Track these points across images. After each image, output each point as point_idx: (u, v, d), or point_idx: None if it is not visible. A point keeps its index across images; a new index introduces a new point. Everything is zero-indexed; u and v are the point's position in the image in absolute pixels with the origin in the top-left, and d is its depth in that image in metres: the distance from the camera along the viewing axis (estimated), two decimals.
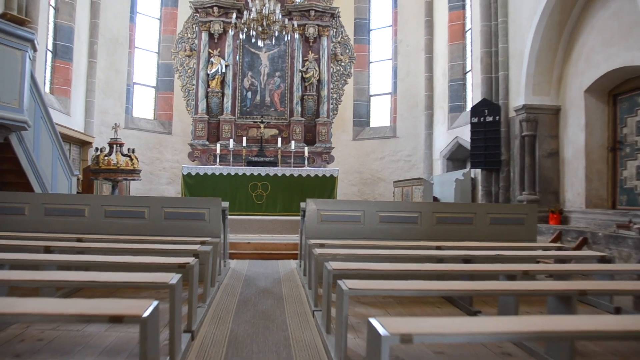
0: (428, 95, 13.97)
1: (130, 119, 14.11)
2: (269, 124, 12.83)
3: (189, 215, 5.77)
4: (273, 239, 8.81)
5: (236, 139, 12.60)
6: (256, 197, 10.78)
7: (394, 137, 14.83)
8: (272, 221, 9.82)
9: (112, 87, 13.67)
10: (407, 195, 11.93)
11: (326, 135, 12.89)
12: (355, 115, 15.66)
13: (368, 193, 15.08)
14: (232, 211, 10.48)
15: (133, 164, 7.71)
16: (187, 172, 10.82)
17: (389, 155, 14.86)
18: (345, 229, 5.86)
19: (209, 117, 12.68)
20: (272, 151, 12.50)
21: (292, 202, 10.83)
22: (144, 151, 14.23)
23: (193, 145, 12.51)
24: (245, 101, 13.03)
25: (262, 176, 10.82)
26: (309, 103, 12.98)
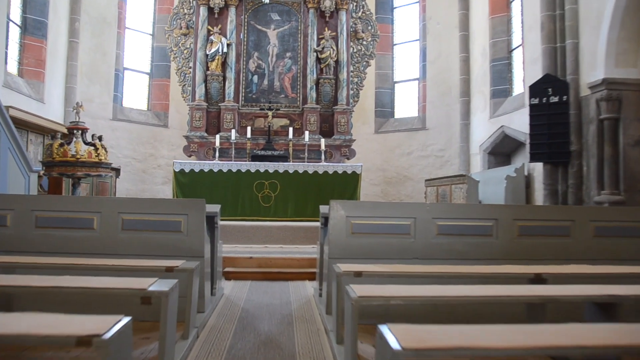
0: (463, 79, 12.08)
1: (119, 109, 12.39)
2: (279, 112, 11.02)
3: (158, 224, 3.97)
4: (283, 252, 6.99)
5: (239, 131, 10.82)
6: (263, 198, 8.99)
7: (423, 129, 12.96)
8: (282, 228, 8.01)
9: (97, 72, 11.95)
10: (443, 196, 10.06)
11: (346, 125, 11.06)
12: (377, 105, 13.81)
13: (393, 194, 13.22)
14: (233, 216, 8.74)
15: (98, 155, 5.93)
16: (179, 168, 9.05)
17: (418, 150, 12.99)
18: (387, 246, 4.02)
19: (207, 105, 10.91)
20: (282, 144, 10.69)
21: (307, 205, 9.02)
22: (135, 146, 12.51)
23: (189, 137, 10.74)
24: (251, 86, 11.24)
25: (270, 173, 9.02)
26: (326, 88, 11.15)
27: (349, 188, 9.21)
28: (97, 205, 4.00)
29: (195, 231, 3.97)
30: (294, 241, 7.93)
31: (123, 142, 12.27)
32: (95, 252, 3.89)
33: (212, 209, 4.63)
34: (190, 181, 9.00)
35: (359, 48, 11.66)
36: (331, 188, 9.13)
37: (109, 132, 11.93)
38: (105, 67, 12.09)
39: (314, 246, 7.71)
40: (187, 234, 3.96)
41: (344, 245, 3.96)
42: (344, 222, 3.98)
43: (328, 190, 9.10)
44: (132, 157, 12.39)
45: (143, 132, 12.67)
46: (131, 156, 12.38)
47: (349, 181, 9.22)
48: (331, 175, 9.15)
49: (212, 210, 4.60)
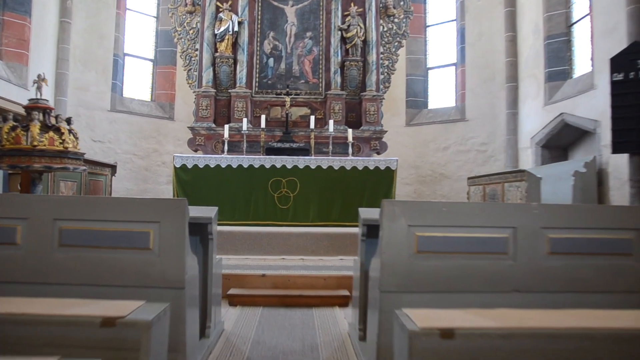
0: (510, 62, 10.54)
1: (118, 100, 11.10)
2: (298, 100, 9.63)
3: (114, 237, 2.57)
4: (304, 267, 5.58)
5: (253, 122, 9.45)
6: (279, 199, 7.59)
7: (462, 121, 11.45)
8: (303, 236, 6.61)
9: (93, 57, 10.67)
10: (493, 197, 8.56)
11: (375, 114, 9.61)
12: (408, 94, 12.33)
13: (427, 194, 11.73)
14: (244, 220, 7.39)
15: (64, 142, 4.55)
16: (180, 163, 7.69)
17: (456, 144, 11.48)
18: (471, 272, 2.57)
19: (216, 92, 9.55)
20: (302, 136, 9.29)
21: (332, 207, 7.61)
22: (137, 141, 11.21)
23: (195, 129, 9.39)
24: (266, 71, 9.86)
25: (288, 169, 7.62)
26: (352, 72, 9.73)
27: (382, 187, 7.77)
28: (21, 207, 2.61)
29: (172, 248, 2.56)
30: (317, 252, 6.52)
31: (123, 136, 10.98)
32: (16, 279, 2.53)
33: (203, 213, 3.24)
34: (194, 179, 7.64)
35: (390, 26, 10.20)
36: (361, 187, 7.70)
37: (106, 125, 10.69)
38: (102, 51, 10.80)
39: (342, 257, 6.31)
40: (158, 252, 2.56)
41: (406, 272, 2.52)
42: (405, 235, 2.54)
43: (357, 189, 7.68)
44: (133, 152, 11.09)
45: (146, 125, 11.37)
46: (132, 152, 11.08)
47: (382, 179, 7.78)
48: (361, 171, 7.71)
49: (203, 215, 3.21)
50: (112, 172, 9.43)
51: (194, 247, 3.15)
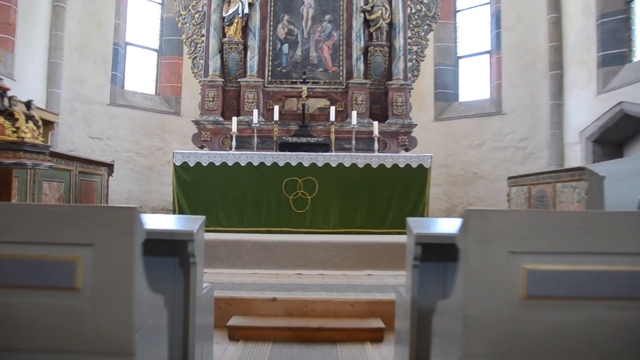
0: (554, 47, 9.41)
1: (119, 93, 10.19)
2: (316, 90, 8.61)
3: (19, 269, 1.56)
4: (325, 285, 4.55)
5: (265, 115, 8.45)
6: (295, 202, 6.58)
7: (498, 114, 10.33)
8: (323, 246, 5.59)
9: (91, 46, 9.77)
10: (541, 200, 7.44)
11: (403, 106, 8.55)
12: (437, 86, 11.25)
13: (459, 196, 10.64)
14: (255, 226, 6.46)
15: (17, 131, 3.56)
16: (181, 160, 6.72)
17: (491, 141, 10.37)
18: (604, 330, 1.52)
19: (224, 82, 8.57)
20: (320, 131, 8.26)
21: (356, 212, 6.60)
22: (139, 138, 10.29)
23: (200, 123, 8.41)
24: (280, 58, 8.85)
25: (304, 168, 6.61)
26: (377, 58, 8.67)
27: (414, 188, 6.72)
28: None
29: (113, 287, 1.55)
30: (339, 265, 5.50)
31: (123, 132, 10.07)
32: None
33: (183, 226, 2.24)
34: (196, 179, 6.66)
35: (419, 7, 9.13)
36: (389, 188, 6.66)
37: (105, 120, 9.79)
38: (101, 40, 9.90)
39: (369, 273, 5.30)
40: (90, 295, 1.55)
41: (506, 331, 1.48)
42: (504, 268, 1.50)
43: (385, 190, 6.65)
44: (135, 151, 10.17)
45: (149, 121, 10.45)
46: (134, 150, 10.16)
47: (413, 178, 6.72)
48: (389, 170, 6.67)
49: (182, 228, 2.20)
50: (108, 172, 8.50)
51: (165, 276, 2.15)
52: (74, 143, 9.37)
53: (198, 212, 6.63)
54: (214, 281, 4.67)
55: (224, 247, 5.60)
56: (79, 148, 9.42)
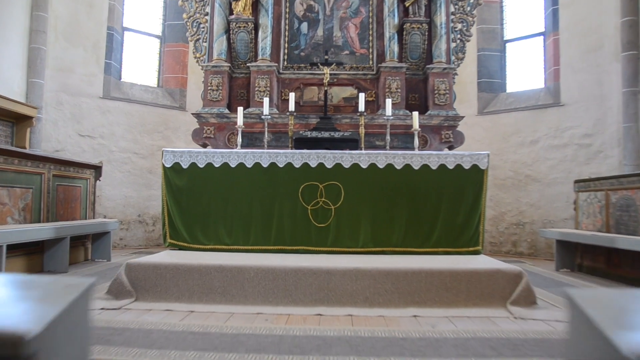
0: (628, 22, 7.82)
1: (114, 84, 8.94)
2: (341, 77, 7.23)
3: None
4: (355, 336, 3.13)
5: (280, 107, 7.11)
6: (315, 213, 5.20)
7: (556, 106, 8.80)
8: (351, 274, 4.21)
9: (80, 30, 8.53)
10: (626, 209, 5.92)
11: (447, 94, 7.11)
12: (481, 75, 9.77)
13: (508, 203, 9.12)
14: (264, 245, 5.11)
15: None
16: (172, 161, 5.39)
17: (547, 137, 8.84)
18: None
19: (231, 67, 7.25)
20: (346, 125, 6.87)
21: (393, 225, 5.21)
22: (137, 136, 9.03)
23: (202, 116, 7.10)
24: (297, 39, 7.49)
25: (327, 170, 5.23)
26: (414, 38, 7.26)
27: (467, 195, 5.29)
28: None
29: None
30: (373, 300, 4.12)
31: (119, 130, 8.81)
32: None
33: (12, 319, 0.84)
34: (191, 184, 5.33)
35: None
36: (435, 195, 5.24)
37: (97, 116, 8.56)
38: (93, 24, 8.65)
39: (416, 314, 3.90)
40: None
41: None
42: None
43: (429, 198, 5.24)
44: (133, 151, 8.91)
45: (149, 117, 9.18)
46: (131, 150, 8.90)
47: (465, 183, 5.30)
48: (435, 172, 5.25)
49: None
50: (95, 175, 7.26)
51: None
52: (61, 142, 8.15)
53: (193, 226, 5.31)
54: (202, 328, 3.32)
55: (221, 275, 4.25)
56: (67, 148, 8.19)
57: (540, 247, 8.69)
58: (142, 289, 4.29)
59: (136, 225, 8.86)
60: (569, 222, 8.28)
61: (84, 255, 6.91)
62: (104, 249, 7.00)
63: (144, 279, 4.31)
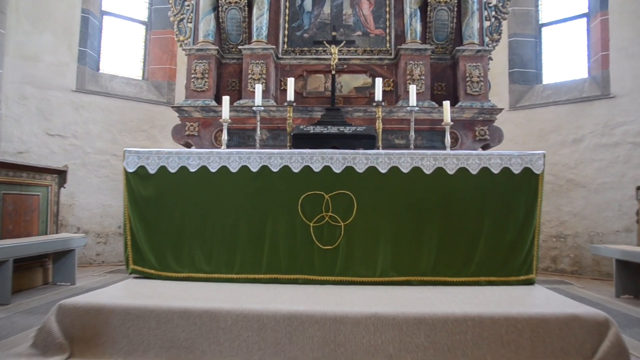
0: None
1: (90, 76, 7.82)
2: (352, 63, 6.06)
3: None
4: None
5: (279, 98, 5.95)
6: (319, 232, 4.05)
7: (604, 98, 7.54)
8: (368, 322, 3.02)
9: (49, 12, 7.42)
10: None
11: (481, 82, 5.91)
12: (513, 64, 8.55)
13: (547, 212, 7.79)
14: (252, 273, 3.90)
15: None
16: (136, 164, 4.24)
17: (594, 135, 7.59)
18: None
19: (220, 51, 6.09)
20: (358, 120, 5.68)
21: (422, 247, 4.07)
22: (117, 136, 7.91)
23: (183, 110, 5.94)
24: (300, 17, 6.32)
25: (335, 175, 4.06)
26: (440, 15, 6.06)
27: (517, 206, 4.11)
28: None
29: None
30: None
31: (96, 128, 7.69)
32: None
33: None
34: (160, 193, 4.19)
35: None
36: (476, 207, 4.08)
37: (69, 112, 7.47)
38: (64, 5, 7.53)
39: None
40: None
41: None
42: None
43: (468, 211, 4.08)
44: (112, 152, 7.78)
45: (132, 113, 8.05)
46: (110, 151, 7.78)
47: (515, 191, 4.12)
48: (475, 177, 4.07)
49: None
50: (59, 182, 6.12)
51: None
52: (25, 142, 7.04)
53: (162, 248, 4.16)
54: None
55: (187, 323, 3.09)
56: (32, 149, 7.08)
57: (586, 264, 7.44)
58: (80, 340, 3.13)
59: (116, 238, 7.72)
60: (623, 235, 7.04)
61: (42, 279, 5.76)
62: (68, 270, 5.85)
63: (83, 326, 3.14)
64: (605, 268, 7.09)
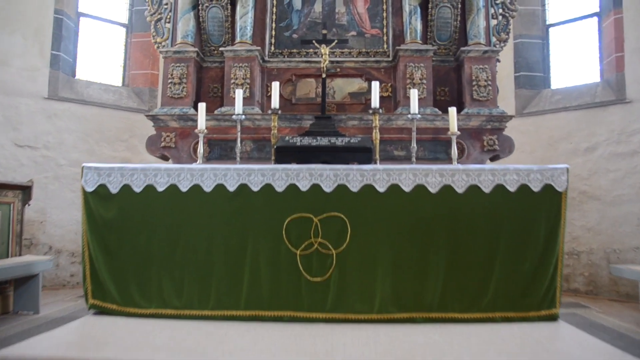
0: None
1: (65, 83, 7.25)
2: (345, 66, 5.51)
3: None
4: None
5: (266, 105, 5.39)
6: (307, 261, 3.50)
7: (619, 103, 6.99)
8: None
9: (18, 11, 6.86)
10: None
11: (489, 85, 5.37)
12: (519, 67, 8.00)
13: None
14: (229, 309, 3.26)
15: None
16: (94, 183, 3.71)
17: (608, 143, 7.03)
18: None
19: (199, 53, 5.54)
20: (353, 129, 5.12)
21: (427, 276, 3.53)
22: (94, 146, 7.33)
23: (158, 119, 5.41)
24: (288, 16, 5.77)
25: (325, 195, 3.51)
26: (443, 12, 5.51)
27: (537, 229, 3.59)
28: None
29: None
30: None
31: (71, 138, 7.11)
32: None
33: None
34: (123, 216, 3.64)
35: None
36: (490, 231, 3.54)
37: (41, 121, 6.91)
38: (35, 4, 6.96)
39: None
40: None
41: None
42: None
43: (481, 235, 3.53)
44: None
45: (110, 122, 7.47)
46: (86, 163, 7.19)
47: (534, 211, 3.60)
48: (488, 196, 3.54)
49: None
50: (23, 199, 5.53)
51: None
52: None
53: (126, 279, 3.60)
54: None
55: None
56: None
57: (602, 283, 6.87)
58: None
59: None
60: None
61: (1, 307, 5.17)
62: (31, 298, 5.25)
63: None
64: (624, 288, 6.52)
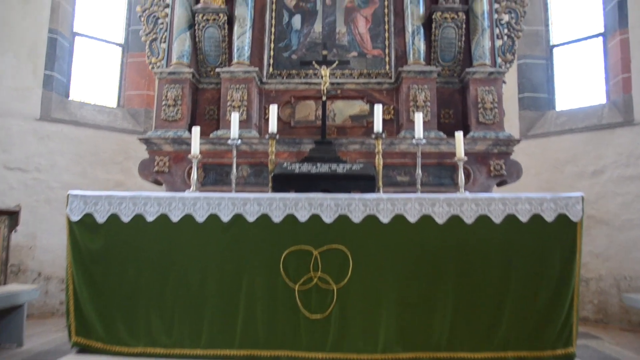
0: None
1: (58, 103, 7.09)
2: (346, 88, 5.34)
3: None
4: None
5: (264, 128, 5.21)
6: (306, 297, 3.30)
7: (627, 125, 6.81)
8: None
9: (11, 30, 6.72)
10: None
11: (495, 108, 5.20)
12: (522, 88, 7.84)
13: None
14: (223, 348, 3.00)
15: None
16: (80, 212, 3.47)
17: (616, 166, 6.85)
18: None
19: (195, 74, 5.37)
20: (355, 153, 4.93)
21: (434, 313, 3.32)
22: (88, 169, 7.15)
23: (152, 143, 5.22)
24: (287, 37, 5.61)
25: (325, 226, 3.32)
26: (447, 33, 5.35)
27: (551, 262, 3.41)
28: None
29: None
30: None
31: (63, 160, 6.93)
32: None
33: None
34: (110, 248, 3.42)
35: None
36: (500, 264, 3.33)
37: (33, 143, 6.75)
38: (28, 24, 6.83)
39: None
40: None
41: None
42: None
43: (491, 269, 3.31)
44: (81, 187, 6.88)
45: (105, 144, 7.29)
46: (79, 186, 6.88)
47: (548, 243, 3.41)
48: (499, 227, 3.33)
49: None
50: (10, 225, 5.33)
51: None
52: None
53: (112, 314, 3.37)
54: None
55: None
56: None
57: (613, 311, 6.63)
58: None
59: None
60: None
61: None
62: (15, 329, 5.00)
63: None
64: (636, 317, 6.29)
